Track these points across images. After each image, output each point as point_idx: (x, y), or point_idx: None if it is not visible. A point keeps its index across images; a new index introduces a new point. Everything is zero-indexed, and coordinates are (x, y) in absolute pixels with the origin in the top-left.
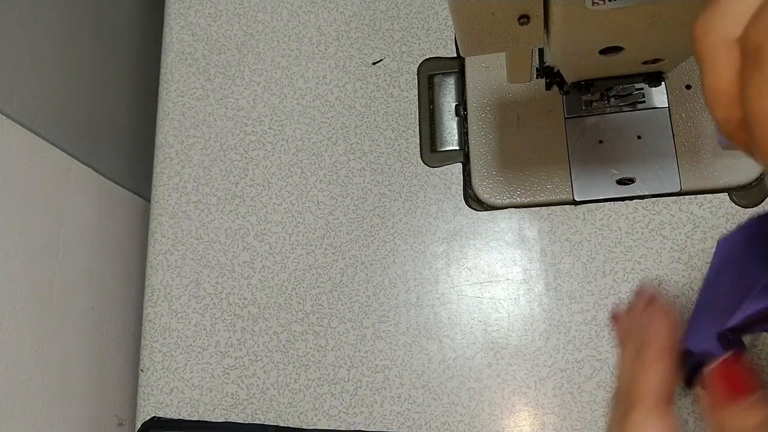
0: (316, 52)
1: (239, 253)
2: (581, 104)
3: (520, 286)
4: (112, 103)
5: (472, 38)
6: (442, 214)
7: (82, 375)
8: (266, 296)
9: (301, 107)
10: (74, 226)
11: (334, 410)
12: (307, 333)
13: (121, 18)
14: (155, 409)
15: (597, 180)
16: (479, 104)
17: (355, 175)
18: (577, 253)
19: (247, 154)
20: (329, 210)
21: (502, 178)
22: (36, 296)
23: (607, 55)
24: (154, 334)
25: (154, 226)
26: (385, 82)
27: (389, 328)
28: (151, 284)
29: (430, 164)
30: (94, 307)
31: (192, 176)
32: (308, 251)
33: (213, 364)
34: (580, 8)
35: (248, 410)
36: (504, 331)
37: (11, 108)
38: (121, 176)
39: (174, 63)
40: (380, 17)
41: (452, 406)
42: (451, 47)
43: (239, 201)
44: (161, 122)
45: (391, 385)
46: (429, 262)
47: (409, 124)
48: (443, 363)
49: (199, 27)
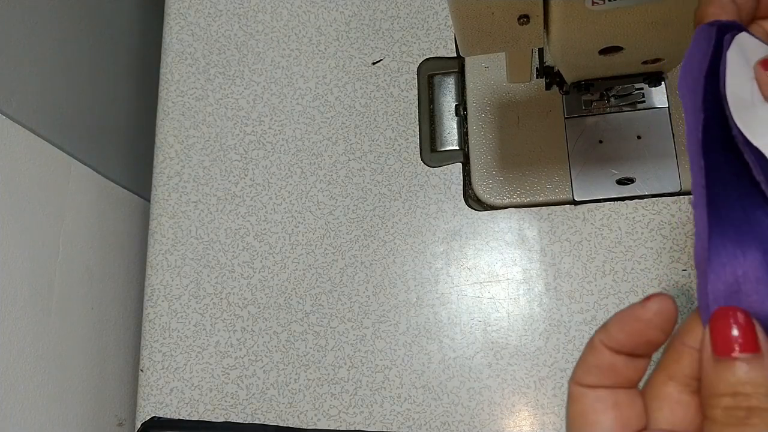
0: (316, 52)
1: (239, 253)
2: (581, 104)
3: (520, 286)
4: (112, 103)
5: (472, 38)
6: (441, 214)
7: (82, 375)
8: (266, 296)
9: (301, 107)
10: (74, 226)
11: (333, 410)
12: (307, 333)
13: (121, 18)
14: (155, 409)
15: (597, 180)
16: (479, 104)
17: (355, 175)
18: (577, 253)
19: (247, 154)
20: (329, 210)
21: (502, 178)
22: (36, 296)
23: (607, 55)
24: (154, 334)
25: (154, 226)
26: (385, 82)
27: (389, 328)
28: (151, 284)
29: (430, 164)
30: (94, 307)
31: (192, 176)
32: (308, 251)
33: (213, 364)
34: (580, 8)
35: (248, 410)
36: (504, 331)
37: (11, 108)
38: (121, 176)
39: (174, 63)
40: (380, 17)
41: (452, 406)
42: (451, 47)
43: (239, 201)
44: (161, 122)
45: (391, 385)
46: (429, 261)
47: (409, 124)
48: (443, 363)
49: (199, 27)
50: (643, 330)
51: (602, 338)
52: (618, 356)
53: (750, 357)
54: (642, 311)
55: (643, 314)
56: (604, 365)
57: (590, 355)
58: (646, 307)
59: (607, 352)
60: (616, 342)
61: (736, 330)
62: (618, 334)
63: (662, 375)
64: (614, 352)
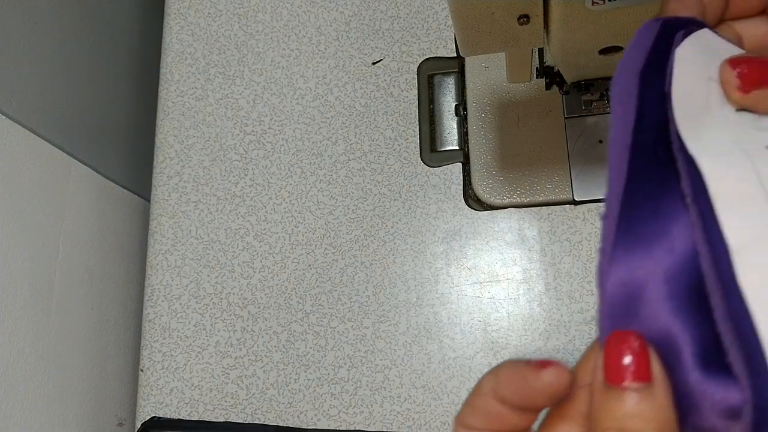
0: (316, 52)
1: (239, 253)
2: (581, 104)
3: (519, 286)
4: (112, 103)
5: (472, 38)
6: (441, 214)
7: (82, 375)
8: (266, 296)
9: (301, 107)
10: (74, 226)
11: (333, 410)
12: (307, 333)
13: (121, 18)
14: (155, 409)
15: (597, 180)
16: (479, 104)
17: (355, 175)
18: (577, 252)
19: (247, 154)
20: (329, 210)
21: (502, 178)
22: (36, 296)
23: (607, 55)
24: (154, 334)
25: (154, 226)
26: (385, 82)
27: (389, 328)
28: (151, 284)
29: (430, 164)
30: (94, 307)
31: (192, 176)
32: (308, 251)
33: (213, 364)
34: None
35: (248, 410)
36: (504, 331)
37: (11, 108)
38: (121, 176)
39: (174, 63)
40: (380, 17)
41: (452, 406)
42: (451, 47)
43: (239, 201)
44: (161, 122)
45: (390, 385)
46: (429, 261)
47: (409, 124)
48: (443, 363)
49: (199, 27)
50: (532, 395)
51: (490, 385)
52: (505, 406)
53: (641, 387)
54: (533, 378)
55: (534, 382)
56: (492, 411)
57: (477, 398)
58: (539, 376)
59: (493, 400)
60: (503, 396)
61: (629, 357)
62: (506, 389)
63: (556, 415)
64: (501, 402)
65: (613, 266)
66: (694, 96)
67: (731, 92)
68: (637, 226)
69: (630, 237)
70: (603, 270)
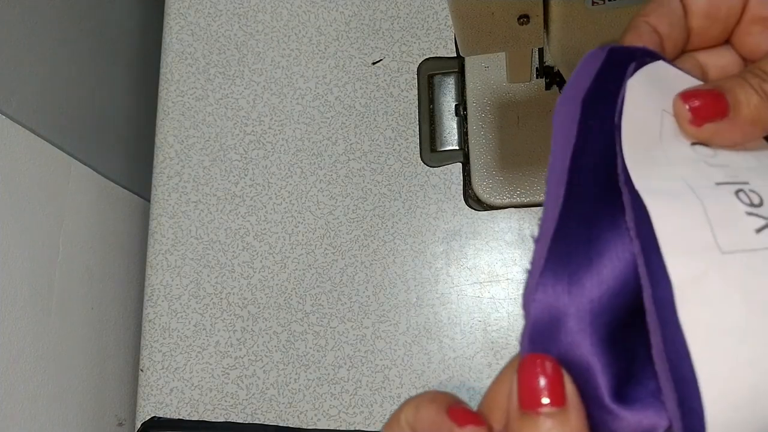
0: (316, 52)
1: (239, 253)
2: None
3: (520, 285)
4: (112, 103)
5: (472, 38)
6: (441, 213)
7: (82, 375)
8: (266, 296)
9: (301, 107)
10: (74, 226)
11: (333, 410)
12: (307, 333)
13: (121, 18)
14: (155, 409)
15: None
16: (479, 104)
17: (355, 175)
18: None
19: (247, 154)
20: (329, 210)
21: (502, 178)
22: (36, 296)
23: None
24: (154, 334)
25: (154, 226)
26: (385, 82)
27: (389, 328)
28: (151, 284)
29: (430, 164)
30: (94, 307)
31: (192, 176)
32: (308, 251)
33: (213, 364)
34: (580, 8)
35: (248, 410)
36: (504, 331)
37: (11, 108)
38: (121, 176)
39: (174, 63)
40: (380, 17)
41: None
42: (451, 47)
43: (239, 201)
44: (161, 122)
45: (391, 385)
46: (429, 261)
47: (409, 124)
48: (443, 363)
49: (199, 27)
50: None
51: (409, 419)
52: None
53: (555, 412)
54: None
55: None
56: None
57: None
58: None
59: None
60: None
61: (542, 380)
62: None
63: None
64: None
65: (539, 290)
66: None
67: (684, 126)
68: (568, 254)
69: (560, 264)
70: (529, 292)
